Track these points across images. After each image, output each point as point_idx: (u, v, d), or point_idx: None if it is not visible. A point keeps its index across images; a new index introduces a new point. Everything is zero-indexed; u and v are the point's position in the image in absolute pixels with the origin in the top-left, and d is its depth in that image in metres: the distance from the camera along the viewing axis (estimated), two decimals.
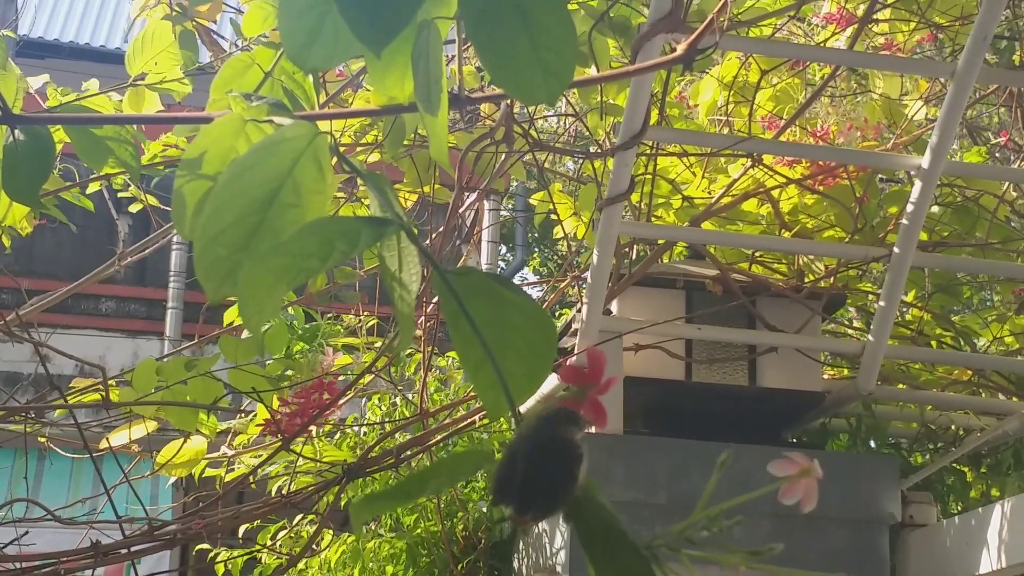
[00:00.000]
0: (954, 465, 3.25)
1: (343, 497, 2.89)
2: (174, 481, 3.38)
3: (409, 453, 2.96)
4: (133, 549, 2.64)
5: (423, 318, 3.17)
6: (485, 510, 3.40)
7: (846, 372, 3.38)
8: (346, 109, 2.71)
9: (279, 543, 3.51)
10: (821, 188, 3.17)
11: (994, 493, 3.23)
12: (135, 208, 3.45)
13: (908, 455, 3.32)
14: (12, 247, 2.80)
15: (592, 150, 3.20)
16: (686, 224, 3.16)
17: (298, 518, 3.48)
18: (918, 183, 2.66)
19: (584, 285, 2.91)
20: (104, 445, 2.89)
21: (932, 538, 2.89)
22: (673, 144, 3.23)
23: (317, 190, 0.84)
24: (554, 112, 3.71)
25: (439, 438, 3.07)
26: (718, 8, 2.12)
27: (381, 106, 1.18)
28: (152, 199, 3.34)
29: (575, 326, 2.98)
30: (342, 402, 2.92)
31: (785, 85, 3.32)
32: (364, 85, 3.07)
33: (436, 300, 3.00)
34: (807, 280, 3.20)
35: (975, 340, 3.53)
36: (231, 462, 3.26)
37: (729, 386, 3.05)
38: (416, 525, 3.41)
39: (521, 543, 3.19)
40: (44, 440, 3.09)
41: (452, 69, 2.37)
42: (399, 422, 3.38)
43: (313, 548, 3.31)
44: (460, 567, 3.32)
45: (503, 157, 3.01)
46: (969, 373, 3.36)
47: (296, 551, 3.26)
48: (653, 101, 2.67)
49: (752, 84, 3.18)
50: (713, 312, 3.00)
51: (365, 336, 3.40)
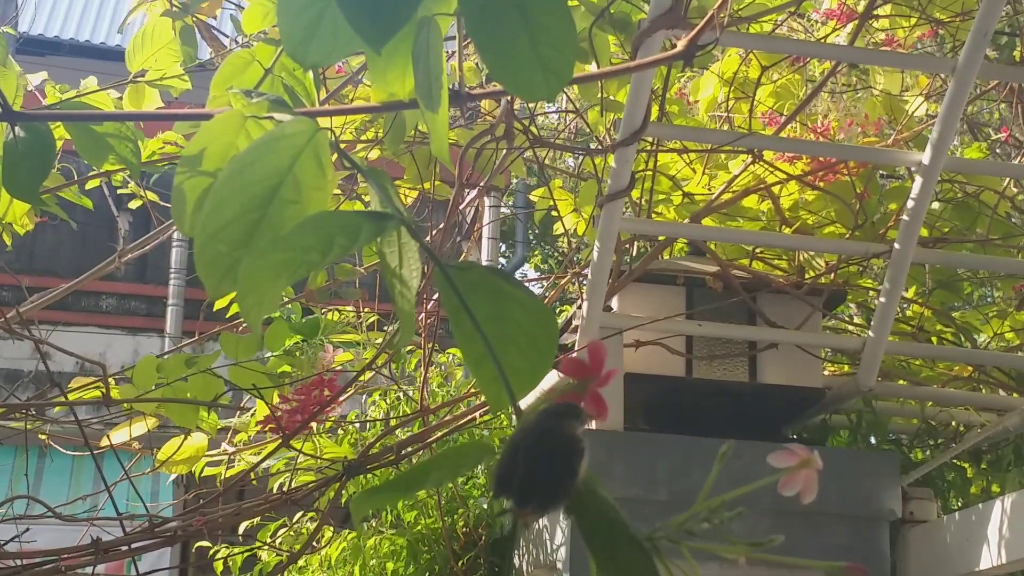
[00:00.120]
0: (954, 461, 3.25)
1: (344, 494, 2.89)
2: (174, 478, 3.37)
3: (410, 450, 2.95)
4: (134, 546, 2.64)
5: (424, 314, 3.17)
6: (486, 506, 3.40)
7: (846, 368, 3.39)
8: (347, 106, 2.71)
9: (279, 540, 3.51)
10: (822, 184, 3.17)
11: (994, 489, 3.23)
12: (135, 205, 3.44)
13: (908, 451, 3.32)
14: (13, 244, 2.79)
15: (592, 146, 3.19)
16: (686, 220, 3.16)
17: (299, 515, 3.48)
18: (919, 179, 2.66)
19: (584, 281, 2.91)
20: (105, 442, 2.88)
21: (932, 534, 2.89)
22: (674, 140, 3.23)
23: (317, 186, 0.84)
24: (555, 108, 3.71)
25: (440, 435, 3.07)
26: (718, 4, 2.12)
27: (382, 103, 1.18)
28: (152, 195, 3.34)
29: (575, 322, 2.98)
30: (342, 399, 2.92)
31: (785, 81, 3.32)
32: (364, 82, 3.07)
33: (436, 296, 3.00)
34: (807, 276, 3.20)
35: (976, 336, 3.53)
36: (231, 459, 3.26)
37: (730, 382, 3.05)
38: (417, 522, 3.41)
39: (522, 539, 3.19)
40: (45, 437, 3.08)
41: (452, 66, 2.37)
42: (400, 418, 3.38)
43: (314, 545, 3.31)
44: (461, 564, 3.32)
45: (503, 153, 3.01)
46: (970, 369, 3.36)
47: (297, 548, 3.26)
48: (653, 97, 2.67)
49: (752, 80, 3.18)
50: (713, 308, 3.00)
51: (366, 332, 3.40)
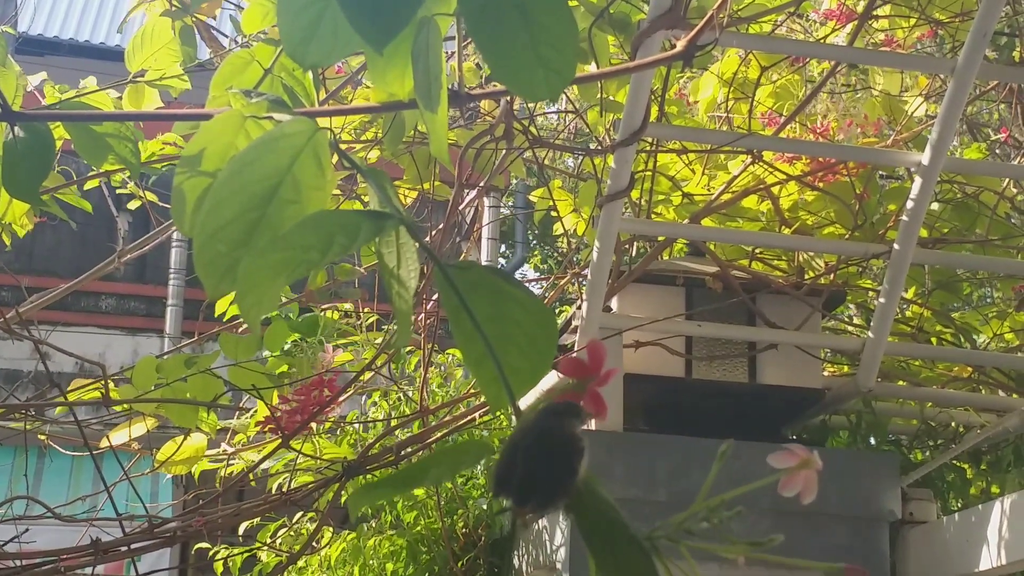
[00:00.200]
0: (954, 462, 3.25)
1: (343, 495, 2.89)
2: (173, 478, 3.37)
3: (409, 450, 2.95)
4: (133, 547, 2.64)
5: (423, 315, 3.17)
6: (485, 507, 3.39)
7: (846, 369, 3.38)
8: (346, 106, 2.70)
9: (279, 541, 3.51)
10: (821, 185, 3.16)
11: (994, 490, 3.23)
12: (134, 205, 3.44)
13: (908, 452, 3.32)
14: (12, 244, 2.79)
15: (592, 147, 3.19)
16: (686, 221, 3.16)
17: (298, 516, 3.48)
18: (918, 179, 2.66)
19: (584, 282, 2.91)
20: (104, 443, 2.88)
21: (932, 535, 2.89)
22: (673, 141, 3.23)
23: (317, 186, 0.84)
24: (554, 109, 3.71)
25: (439, 435, 3.07)
26: (718, 5, 2.12)
27: (381, 103, 1.18)
28: (152, 196, 3.34)
29: (575, 323, 2.98)
30: (342, 399, 2.92)
31: (785, 82, 3.32)
32: (364, 82, 3.07)
33: (436, 297, 3.00)
34: (807, 277, 3.19)
35: (975, 337, 3.53)
36: (231, 459, 3.26)
37: (729, 383, 3.05)
38: (416, 522, 3.41)
39: (521, 540, 3.19)
40: (44, 438, 3.08)
41: (452, 66, 2.37)
42: (399, 419, 3.38)
43: (313, 546, 3.31)
44: (460, 564, 3.32)
45: (503, 154, 3.01)
46: (969, 370, 3.36)
47: (296, 549, 3.26)
48: (653, 98, 2.67)
49: (752, 81, 3.18)
50: (713, 309, 3.00)
51: (365, 333, 3.40)
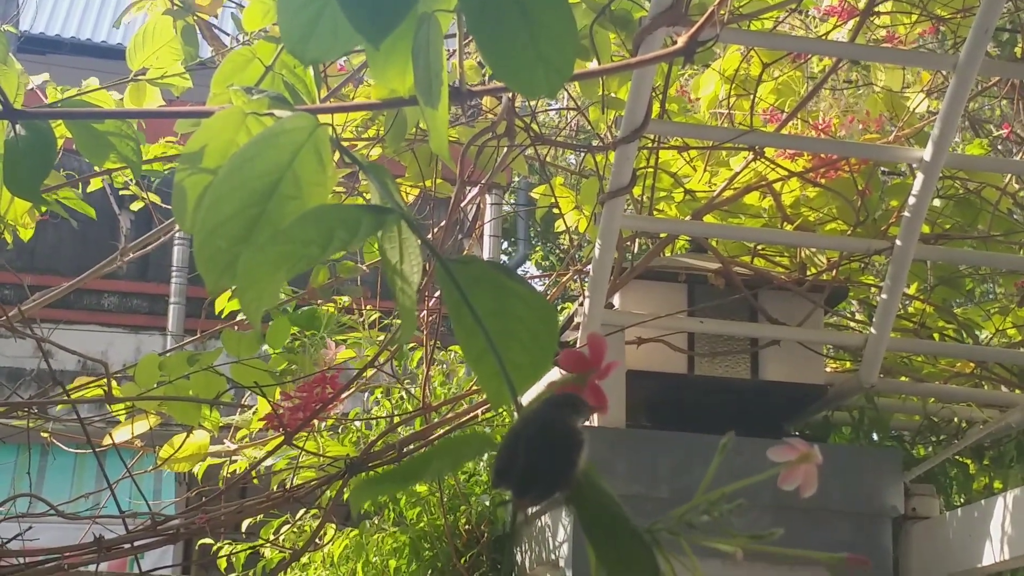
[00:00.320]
0: (957, 457, 3.25)
1: (346, 492, 2.89)
2: (177, 476, 3.38)
3: (412, 447, 2.95)
4: (136, 544, 2.65)
5: (425, 312, 3.17)
6: (488, 504, 3.40)
7: (848, 365, 3.39)
8: (346, 103, 2.71)
9: (282, 537, 3.52)
10: (823, 181, 3.16)
11: (997, 485, 3.23)
12: (137, 206, 3.44)
13: (911, 448, 3.32)
14: (14, 242, 2.79)
15: (594, 144, 3.19)
16: (688, 218, 3.16)
17: (301, 512, 3.48)
18: (920, 176, 2.66)
19: (586, 279, 2.91)
20: (107, 440, 2.89)
21: (935, 530, 2.89)
22: (675, 138, 3.23)
23: (317, 182, 0.84)
24: (556, 106, 3.71)
25: (442, 432, 3.07)
26: (719, 1, 2.12)
27: (382, 99, 1.18)
28: (155, 197, 3.34)
29: (577, 320, 2.98)
30: (344, 396, 2.92)
31: (787, 78, 3.32)
32: (366, 80, 3.07)
33: (438, 294, 3.00)
34: (809, 273, 3.19)
35: (977, 332, 3.53)
36: (234, 457, 3.26)
37: (731, 379, 3.05)
38: (419, 519, 3.41)
39: (524, 536, 3.19)
40: (47, 435, 3.08)
41: (453, 63, 2.37)
42: (401, 416, 3.38)
43: (316, 542, 3.31)
44: (463, 561, 3.32)
45: (505, 151, 3.01)
46: (972, 365, 3.36)
47: (299, 545, 3.27)
48: (655, 95, 2.67)
49: (753, 77, 3.18)
50: (715, 305, 3.00)
51: (367, 330, 3.40)
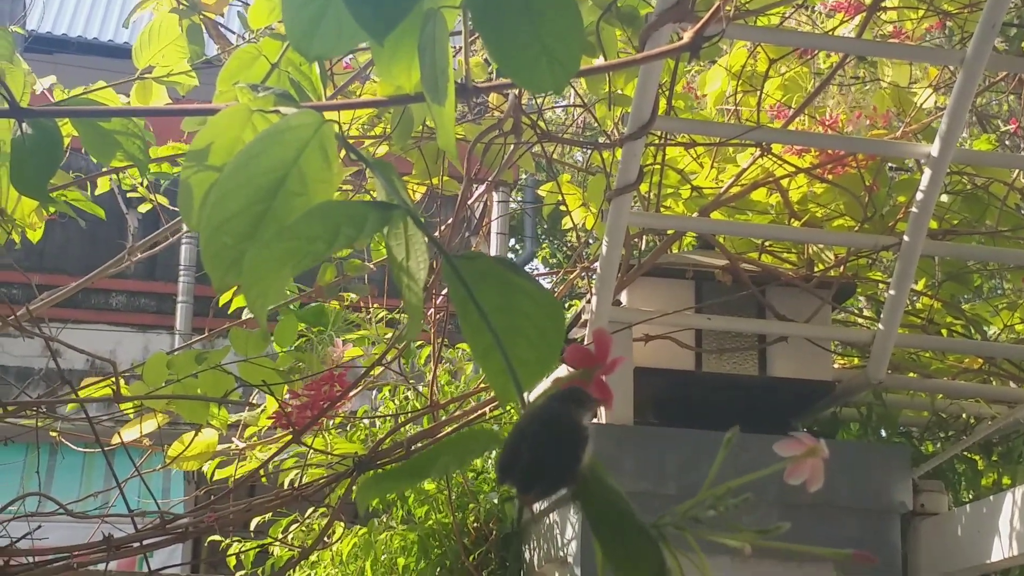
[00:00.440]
0: (965, 453, 3.24)
1: (354, 490, 2.89)
2: (186, 474, 3.39)
3: (420, 445, 2.96)
4: (145, 542, 2.65)
5: (433, 309, 3.17)
6: (496, 501, 3.40)
7: (856, 361, 3.38)
8: (352, 100, 2.71)
9: (291, 536, 3.52)
10: (830, 177, 3.16)
11: (1005, 481, 3.22)
12: (145, 208, 3.45)
13: (919, 444, 3.31)
14: (22, 242, 2.80)
15: (601, 141, 3.19)
16: (695, 214, 3.16)
17: (310, 511, 3.48)
18: (927, 171, 2.65)
19: (594, 276, 2.91)
20: (115, 439, 2.89)
21: (944, 526, 2.88)
22: (682, 134, 3.23)
23: (323, 179, 0.84)
24: (562, 103, 3.70)
25: (449, 430, 3.07)
26: None
27: (388, 96, 1.18)
28: (162, 199, 3.34)
29: (585, 317, 2.97)
30: (352, 394, 2.92)
31: (793, 74, 3.31)
32: (372, 78, 3.07)
33: (445, 292, 3.00)
34: (817, 269, 3.19)
35: (985, 328, 3.52)
36: (242, 455, 3.26)
37: (739, 376, 3.04)
38: (428, 517, 3.41)
39: (532, 534, 3.19)
40: (56, 434, 3.09)
41: (459, 60, 2.37)
42: (409, 414, 3.39)
43: (325, 540, 3.31)
44: (471, 559, 3.32)
45: (511, 148, 3.01)
46: (980, 361, 3.35)
47: (308, 543, 3.27)
48: (661, 92, 2.66)
49: (760, 73, 3.17)
50: (723, 302, 2.99)
51: (375, 328, 3.40)
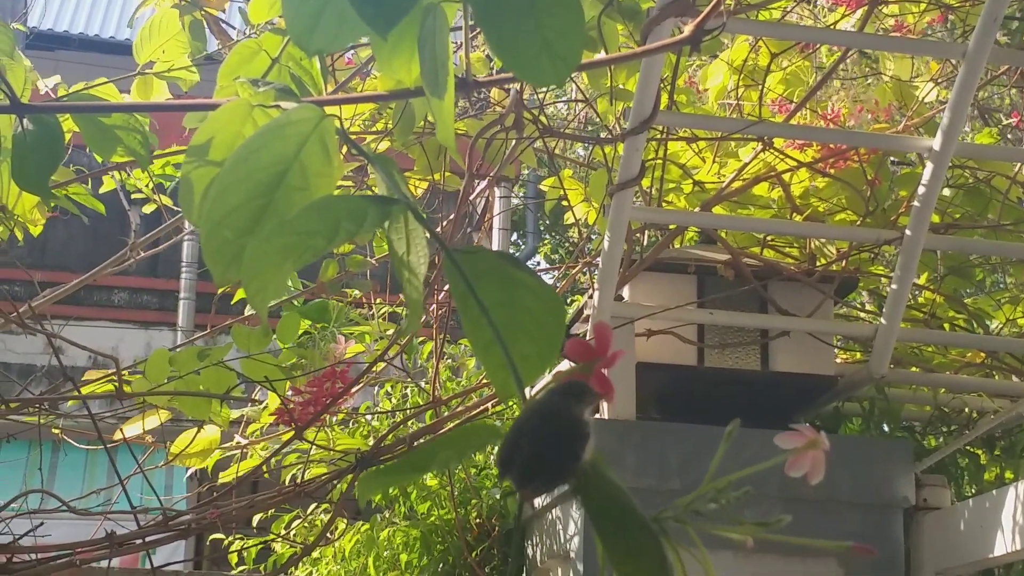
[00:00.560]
0: (968, 448, 3.24)
1: (356, 485, 2.89)
2: (190, 472, 3.39)
3: (422, 441, 2.96)
4: (148, 539, 2.65)
5: (435, 305, 3.17)
6: (499, 497, 3.40)
7: (859, 356, 3.37)
8: (353, 95, 2.71)
9: (293, 532, 3.52)
10: (832, 171, 3.15)
11: (1008, 475, 3.22)
12: (149, 209, 3.45)
13: (922, 438, 3.31)
14: (24, 239, 2.80)
15: (603, 136, 3.19)
16: (697, 209, 3.16)
17: (312, 507, 3.49)
18: (929, 165, 2.65)
19: (595, 271, 2.91)
20: (118, 436, 2.89)
21: (946, 521, 2.88)
22: (683, 129, 3.22)
23: (323, 173, 0.84)
24: (564, 98, 3.70)
25: (451, 426, 3.07)
26: None
27: (388, 91, 1.18)
28: (166, 200, 3.34)
29: (587, 312, 2.97)
30: (355, 390, 2.92)
31: (795, 68, 3.31)
32: (373, 74, 3.07)
33: (447, 287, 3.00)
34: (819, 264, 3.18)
35: (988, 322, 3.52)
36: (244, 451, 3.26)
37: (742, 371, 3.04)
38: (430, 513, 3.41)
39: (535, 529, 3.19)
40: (58, 431, 3.09)
41: (460, 56, 2.37)
42: (412, 410, 3.39)
43: (327, 537, 3.31)
44: (474, 555, 3.32)
45: (513, 144, 3.01)
46: (982, 355, 3.35)
47: (310, 540, 3.27)
48: (663, 86, 2.66)
49: (762, 68, 3.17)
50: (725, 297, 2.99)
51: (377, 323, 3.40)
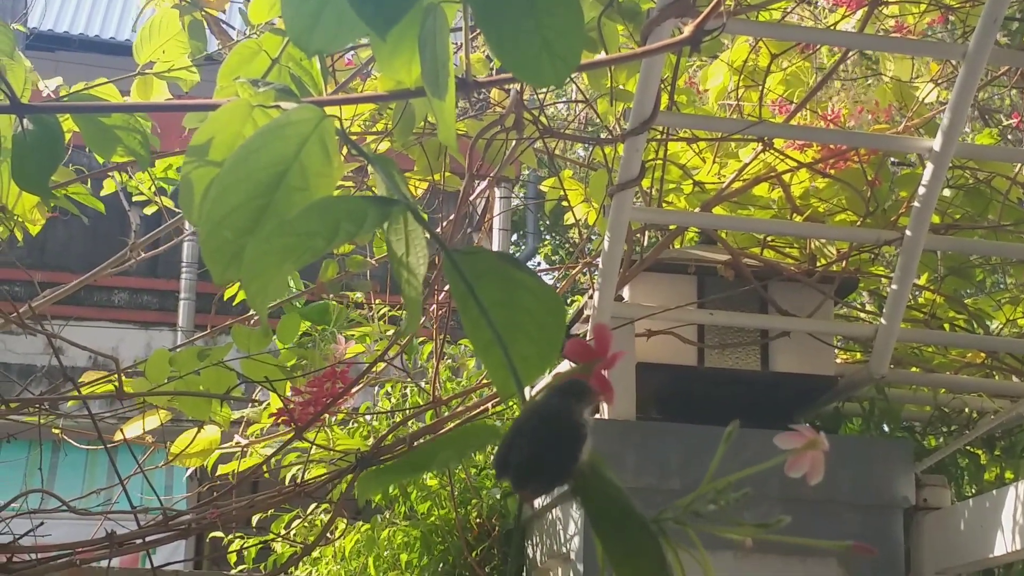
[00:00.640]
0: (968, 448, 3.24)
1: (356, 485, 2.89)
2: (190, 472, 3.39)
3: (422, 441, 2.96)
4: (148, 539, 2.65)
5: (435, 305, 3.17)
6: (499, 497, 3.40)
7: (859, 356, 3.37)
8: (353, 95, 2.71)
9: (293, 532, 3.52)
10: (832, 172, 3.16)
11: (1008, 475, 3.22)
12: (151, 211, 3.45)
13: (922, 438, 3.31)
14: (24, 239, 2.80)
15: (603, 136, 3.19)
16: (697, 209, 3.16)
17: (312, 507, 3.49)
18: (930, 166, 2.65)
19: (596, 272, 2.91)
20: (118, 436, 2.89)
21: (946, 521, 2.88)
22: (684, 129, 3.22)
23: (323, 173, 0.84)
24: (564, 99, 3.70)
25: (452, 426, 3.07)
26: None
27: (388, 91, 1.18)
28: (168, 201, 3.34)
29: (587, 313, 2.97)
30: (355, 391, 2.92)
31: (795, 69, 3.31)
32: (373, 74, 3.07)
33: (448, 288, 3.00)
34: (819, 264, 3.19)
35: (988, 322, 3.52)
36: (244, 451, 3.27)
37: (742, 371, 3.04)
38: (430, 513, 3.41)
39: (535, 529, 3.19)
40: (58, 431, 3.09)
41: (460, 56, 2.37)
42: (412, 410, 3.39)
43: (327, 536, 3.31)
44: (474, 554, 3.32)
45: (513, 144, 3.01)
46: (982, 355, 3.35)
47: (310, 539, 3.27)
48: (663, 87, 2.66)
49: (762, 68, 3.17)
50: (725, 297, 2.99)
51: (377, 324, 3.40)
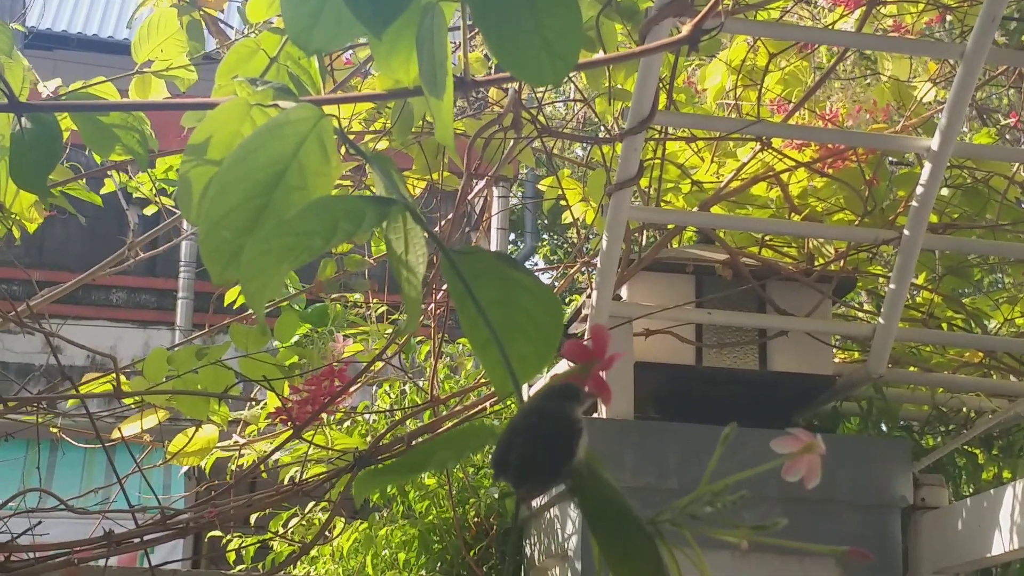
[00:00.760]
0: (966, 447, 3.24)
1: (354, 485, 2.89)
2: (186, 470, 3.39)
3: (420, 440, 2.96)
4: (146, 538, 2.65)
5: (433, 305, 3.17)
6: (497, 496, 3.40)
7: (857, 355, 3.38)
8: (351, 94, 2.70)
9: (291, 531, 3.52)
10: (830, 171, 3.16)
11: (1006, 475, 3.22)
12: (151, 211, 3.45)
13: (920, 438, 3.31)
14: (22, 238, 2.80)
15: (601, 135, 3.19)
16: (695, 209, 3.16)
17: (310, 506, 3.49)
18: (928, 165, 2.65)
19: (594, 271, 2.91)
20: (116, 435, 2.89)
21: (944, 520, 2.88)
22: (682, 129, 3.23)
23: (322, 172, 0.84)
24: (562, 98, 3.70)
25: (450, 425, 3.07)
26: None
27: (386, 90, 1.18)
28: (167, 200, 3.34)
29: (585, 312, 2.97)
30: (353, 390, 2.92)
31: (793, 68, 3.31)
32: (372, 73, 3.07)
33: (446, 287, 3.00)
34: (817, 263, 3.19)
35: (986, 322, 3.52)
36: (242, 450, 3.27)
37: (740, 370, 3.04)
38: (428, 512, 3.41)
39: (533, 528, 3.19)
40: (56, 430, 3.09)
41: (458, 55, 2.37)
42: (410, 409, 3.39)
43: (325, 535, 3.31)
44: (472, 553, 3.32)
45: (511, 143, 3.01)
46: (980, 355, 3.35)
47: (308, 539, 3.27)
48: (661, 86, 2.66)
49: (760, 68, 3.17)
50: (723, 296, 2.99)
51: (375, 323, 3.40)
